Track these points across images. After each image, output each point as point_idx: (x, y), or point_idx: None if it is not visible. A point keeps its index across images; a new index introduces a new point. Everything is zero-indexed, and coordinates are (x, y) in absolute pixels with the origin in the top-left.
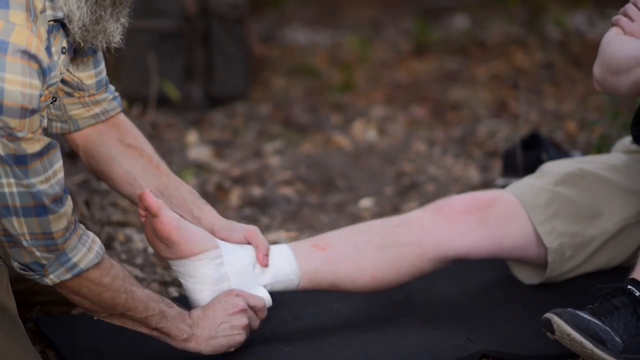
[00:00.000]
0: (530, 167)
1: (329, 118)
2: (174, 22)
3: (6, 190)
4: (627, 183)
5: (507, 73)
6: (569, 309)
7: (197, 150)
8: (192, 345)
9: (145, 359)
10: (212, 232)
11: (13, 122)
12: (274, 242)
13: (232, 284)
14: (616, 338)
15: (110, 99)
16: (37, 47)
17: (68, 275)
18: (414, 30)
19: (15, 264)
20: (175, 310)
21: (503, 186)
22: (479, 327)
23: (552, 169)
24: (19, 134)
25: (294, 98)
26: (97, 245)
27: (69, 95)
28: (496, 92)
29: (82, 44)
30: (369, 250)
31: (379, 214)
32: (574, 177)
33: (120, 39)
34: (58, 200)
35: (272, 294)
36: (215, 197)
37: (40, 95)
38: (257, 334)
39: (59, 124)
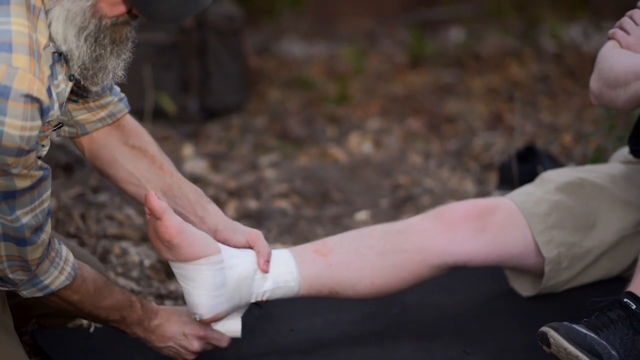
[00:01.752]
0: (525, 180)
1: (324, 130)
2: (169, 35)
3: None
4: (625, 194)
5: (502, 85)
6: (565, 323)
7: (193, 163)
8: (143, 341)
9: None
10: (215, 233)
11: (9, 160)
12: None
13: (231, 290)
14: (612, 352)
15: (116, 101)
16: (38, 90)
17: (39, 294)
18: (409, 43)
19: None
20: (136, 315)
21: None
22: (475, 340)
23: (552, 178)
24: (14, 171)
25: (289, 110)
26: (69, 265)
27: (74, 102)
28: (492, 104)
29: (81, 81)
30: (370, 257)
31: None
32: (574, 186)
33: (122, 74)
34: (39, 229)
35: (269, 301)
36: None
37: (39, 131)
38: (252, 347)
39: (66, 128)
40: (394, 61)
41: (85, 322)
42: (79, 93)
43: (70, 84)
